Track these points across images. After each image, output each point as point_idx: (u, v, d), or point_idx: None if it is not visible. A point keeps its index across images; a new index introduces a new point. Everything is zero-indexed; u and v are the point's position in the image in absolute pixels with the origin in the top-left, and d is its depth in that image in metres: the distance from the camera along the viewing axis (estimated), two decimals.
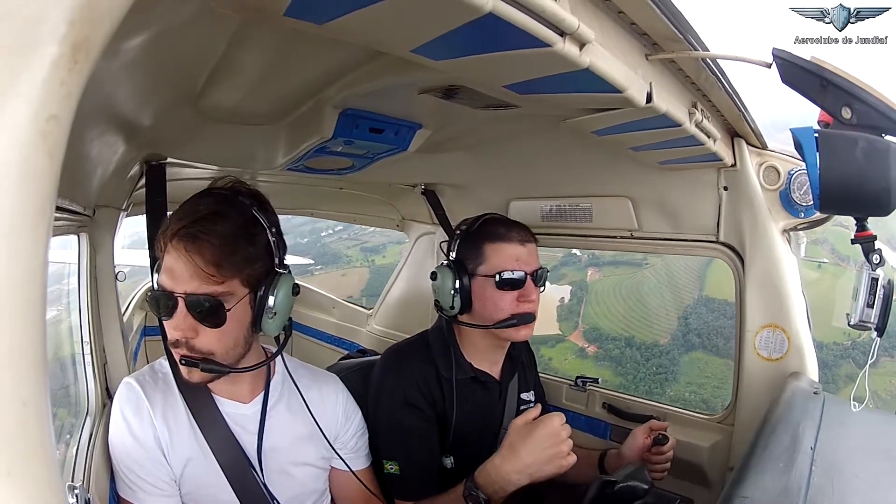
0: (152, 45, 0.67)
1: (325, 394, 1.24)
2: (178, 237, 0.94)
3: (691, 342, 20.35)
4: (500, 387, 1.50)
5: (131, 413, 1.04)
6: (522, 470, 1.13)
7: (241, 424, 1.11)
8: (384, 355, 1.47)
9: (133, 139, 1.18)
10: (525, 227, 1.43)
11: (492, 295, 1.35)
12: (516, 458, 1.13)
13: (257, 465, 1.10)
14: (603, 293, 22.42)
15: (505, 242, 1.37)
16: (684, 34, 0.81)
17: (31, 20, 0.23)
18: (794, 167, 1.40)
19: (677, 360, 20.55)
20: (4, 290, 0.23)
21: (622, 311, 22.19)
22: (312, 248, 27.21)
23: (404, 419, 1.33)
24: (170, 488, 1.04)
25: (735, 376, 1.55)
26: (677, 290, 21.83)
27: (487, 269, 1.36)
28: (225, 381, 1.08)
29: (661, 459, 1.39)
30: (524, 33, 0.59)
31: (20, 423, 0.24)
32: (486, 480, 1.16)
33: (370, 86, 1.02)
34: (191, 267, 0.93)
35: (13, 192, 0.23)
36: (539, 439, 1.13)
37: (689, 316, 20.62)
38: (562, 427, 1.15)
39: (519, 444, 1.14)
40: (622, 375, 20.41)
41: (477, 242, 1.38)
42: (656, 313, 21.79)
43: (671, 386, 19.77)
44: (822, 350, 10.77)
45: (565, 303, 22.22)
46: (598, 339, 21.91)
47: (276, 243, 1.02)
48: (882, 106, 0.78)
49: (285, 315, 1.04)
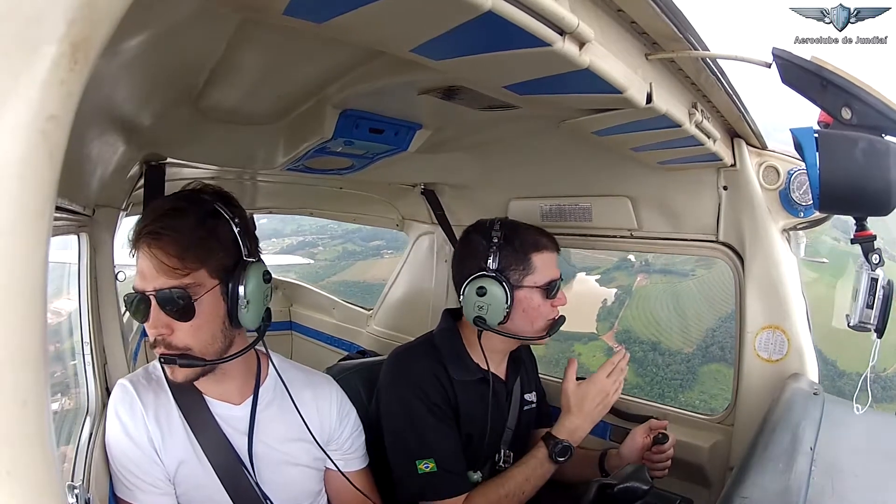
0: (152, 45, 0.67)
1: (319, 395, 1.23)
2: (141, 238, 0.97)
3: (713, 354, 20.93)
4: (506, 388, 1.51)
5: (126, 414, 1.04)
6: (590, 422, 1.36)
7: (232, 426, 1.11)
8: (391, 358, 1.46)
9: (133, 139, 1.18)
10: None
11: (539, 304, 1.38)
12: (582, 414, 1.35)
13: (249, 466, 1.10)
14: (644, 299, 22.97)
15: (549, 252, 1.42)
16: (684, 33, 0.80)
17: (30, 20, 0.23)
18: (793, 167, 1.40)
19: (696, 369, 21.15)
20: (4, 290, 0.23)
21: (656, 317, 22.89)
22: (387, 233, 28.50)
23: (429, 415, 1.33)
24: (166, 486, 1.04)
25: (735, 377, 1.55)
26: (714, 301, 22.32)
27: (536, 279, 1.37)
28: (214, 382, 1.09)
29: (661, 458, 1.39)
30: (524, 32, 0.59)
31: (20, 422, 0.24)
32: (569, 434, 1.34)
33: (370, 86, 1.02)
34: (155, 263, 0.96)
35: (13, 192, 0.23)
36: (593, 395, 1.35)
37: (718, 329, 21.01)
38: (609, 381, 1.37)
39: (581, 404, 1.36)
40: (641, 377, 20.97)
41: (522, 253, 1.38)
42: (687, 323, 22.46)
43: (684, 393, 20.25)
44: (843, 378, 10.64)
45: (607, 304, 23.06)
46: (627, 341, 22.81)
47: (241, 233, 1.03)
48: (882, 106, 0.78)
49: (260, 304, 1.04)
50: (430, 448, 1.30)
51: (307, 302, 3.52)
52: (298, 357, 3.19)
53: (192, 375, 1.02)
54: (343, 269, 29.47)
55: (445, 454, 1.31)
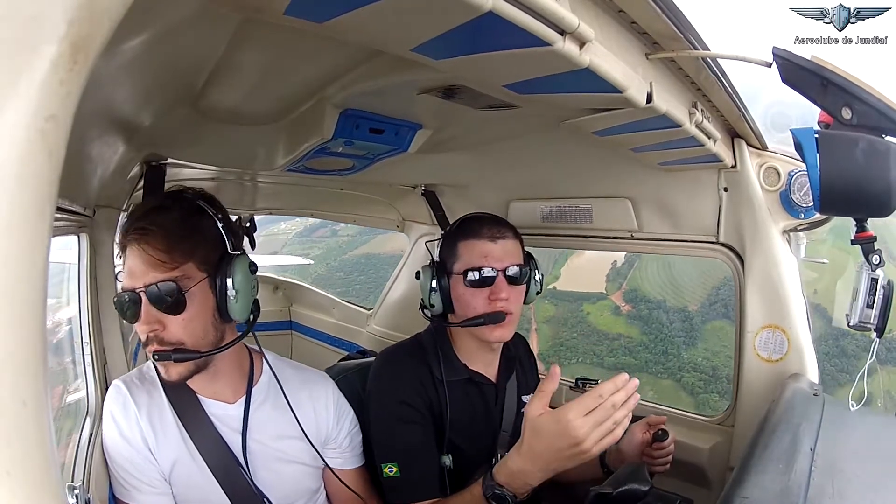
0: (152, 46, 0.67)
1: (315, 395, 1.24)
2: (129, 236, 0.99)
3: (716, 311, 21.04)
4: (496, 388, 1.48)
5: (119, 414, 1.05)
6: (544, 468, 1.04)
7: (227, 424, 1.11)
8: (378, 358, 1.45)
9: (133, 139, 1.18)
10: (502, 223, 1.38)
11: (463, 293, 1.34)
12: (535, 456, 1.04)
13: (244, 464, 1.11)
14: (653, 259, 22.90)
15: (475, 239, 1.34)
16: (684, 33, 0.80)
17: (30, 20, 0.23)
18: (794, 168, 1.40)
19: (699, 326, 21.17)
20: (4, 290, 0.23)
21: (665, 277, 23.18)
22: None
23: (400, 420, 1.31)
24: (162, 486, 1.05)
25: (735, 377, 1.55)
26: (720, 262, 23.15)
27: (459, 266, 1.34)
28: (207, 380, 1.09)
29: (661, 454, 1.37)
30: (524, 32, 0.59)
31: (20, 423, 0.24)
32: (508, 479, 1.08)
33: (370, 86, 1.02)
34: (145, 258, 0.97)
35: (13, 192, 0.23)
36: (553, 439, 1.00)
37: (723, 286, 21.02)
38: (580, 423, 0.97)
39: (535, 443, 1.03)
40: (646, 334, 21.14)
41: (453, 240, 1.38)
42: (694, 281, 22.64)
43: (688, 350, 20.31)
44: (846, 338, 10.33)
45: (617, 266, 23.59)
46: (634, 301, 23.00)
47: (224, 228, 1.06)
48: (882, 106, 0.78)
49: (248, 296, 1.05)
50: (394, 452, 1.28)
51: (307, 302, 3.52)
52: (298, 357, 3.19)
53: (186, 373, 1.02)
54: (364, 242, 30.22)
55: (409, 459, 1.28)
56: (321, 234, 30.88)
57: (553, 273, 22.63)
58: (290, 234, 32.48)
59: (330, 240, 30.35)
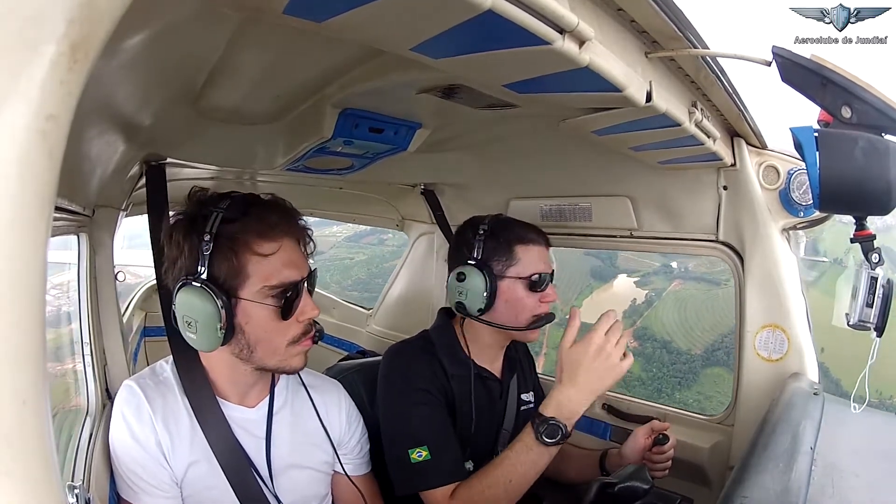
0: (152, 45, 0.67)
1: (328, 400, 1.24)
2: (288, 234, 1.06)
3: (717, 358, 21.51)
4: (502, 385, 1.51)
5: (132, 416, 1.04)
6: (587, 393, 1.17)
7: (244, 428, 1.11)
8: (387, 354, 1.46)
9: (133, 139, 1.18)
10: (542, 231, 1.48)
11: (521, 296, 1.37)
12: (576, 385, 1.17)
13: (266, 470, 1.11)
14: (671, 301, 24.14)
15: (535, 245, 1.41)
16: (684, 32, 0.80)
17: (30, 19, 0.23)
18: (793, 167, 1.40)
19: (698, 370, 21.68)
20: (4, 290, 0.23)
21: (677, 319, 23.86)
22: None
23: (425, 404, 1.32)
24: (171, 489, 1.04)
25: (735, 377, 1.55)
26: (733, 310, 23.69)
27: (519, 270, 1.38)
28: (232, 383, 1.10)
29: (661, 458, 1.39)
30: (523, 31, 0.59)
31: (19, 422, 0.24)
32: (556, 411, 1.18)
33: (370, 85, 1.01)
34: (301, 250, 1.09)
35: (12, 192, 0.23)
36: (589, 360, 1.16)
37: (729, 335, 21.42)
38: (605, 339, 1.16)
39: (575, 371, 1.17)
40: (645, 371, 21.53)
41: (505, 244, 1.39)
42: (703, 327, 23.28)
43: (681, 392, 20.71)
44: (882, 408, 10.46)
45: (636, 304, 24.26)
46: (643, 338, 23.63)
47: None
48: (882, 105, 0.78)
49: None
50: (423, 436, 1.28)
51: None
52: None
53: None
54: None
55: (439, 441, 1.29)
56: (368, 240, 31.18)
57: (576, 303, 22.86)
58: (339, 237, 32.76)
59: (376, 247, 30.70)
